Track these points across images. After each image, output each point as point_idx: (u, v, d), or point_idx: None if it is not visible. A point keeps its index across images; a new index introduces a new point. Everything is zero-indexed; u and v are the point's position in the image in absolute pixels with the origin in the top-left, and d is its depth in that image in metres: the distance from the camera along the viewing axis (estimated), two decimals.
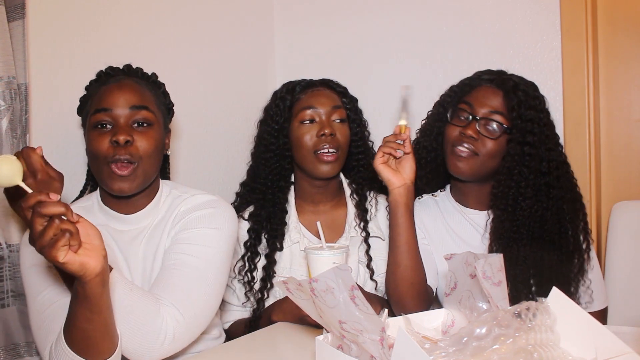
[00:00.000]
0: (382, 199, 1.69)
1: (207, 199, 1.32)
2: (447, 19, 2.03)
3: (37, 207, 0.87)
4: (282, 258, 1.61)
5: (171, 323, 1.11)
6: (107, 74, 1.31)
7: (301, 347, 1.23)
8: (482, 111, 1.43)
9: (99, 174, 1.24)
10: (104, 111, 1.22)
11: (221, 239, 1.26)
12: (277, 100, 1.65)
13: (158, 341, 1.09)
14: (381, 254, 1.60)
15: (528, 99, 1.43)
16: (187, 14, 1.92)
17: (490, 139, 1.42)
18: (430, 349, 0.87)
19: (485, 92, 1.45)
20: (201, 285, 1.19)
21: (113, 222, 1.28)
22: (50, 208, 0.88)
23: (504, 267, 1.02)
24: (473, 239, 1.51)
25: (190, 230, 1.25)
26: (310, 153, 1.58)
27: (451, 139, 1.47)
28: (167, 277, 1.18)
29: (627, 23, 1.88)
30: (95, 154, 1.22)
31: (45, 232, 0.87)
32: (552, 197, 1.42)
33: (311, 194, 1.66)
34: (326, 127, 1.56)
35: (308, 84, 1.65)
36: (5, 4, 1.30)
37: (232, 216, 1.32)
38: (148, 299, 1.11)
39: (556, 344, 0.92)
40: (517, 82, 1.46)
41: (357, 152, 1.68)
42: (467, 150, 1.43)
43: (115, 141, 1.19)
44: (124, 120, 1.23)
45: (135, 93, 1.26)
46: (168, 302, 1.13)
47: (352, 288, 0.88)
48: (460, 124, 1.46)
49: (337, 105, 1.62)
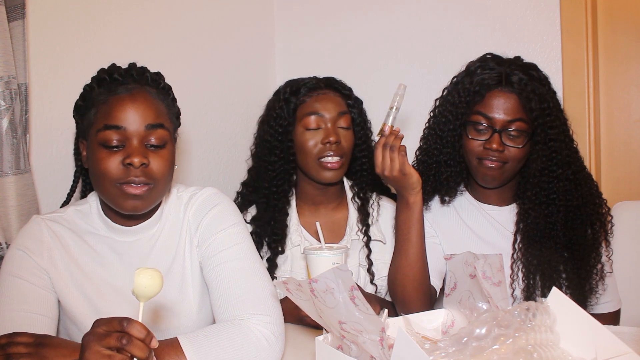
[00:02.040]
0: (386, 202, 1.67)
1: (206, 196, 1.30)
2: (447, 19, 2.03)
3: (127, 341, 0.83)
4: (283, 261, 1.60)
5: (262, 328, 1.10)
6: (113, 79, 1.16)
7: (301, 347, 1.23)
8: (500, 121, 1.38)
9: (106, 194, 1.13)
10: (115, 129, 1.10)
11: (241, 230, 1.26)
12: (280, 102, 1.61)
13: (263, 349, 1.08)
14: (382, 257, 1.59)
15: (540, 91, 1.39)
16: (187, 14, 1.92)
17: (517, 148, 1.39)
18: (430, 349, 0.87)
19: (498, 99, 1.38)
20: (255, 278, 1.18)
21: (115, 234, 1.22)
22: (139, 352, 0.84)
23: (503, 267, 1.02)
24: (490, 235, 1.49)
25: (213, 238, 1.22)
26: (314, 160, 1.56)
27: (475, 153, 1.41)
28: (224, 293, 1.16)
29: (627, 23, 1.88)
30: (103, 174, 1.11)
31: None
32: (580, 183, 1.42)
33: (312, 196, 1.65)
34: (331, 135, 1.54)
35: (314, 85, 1.61)
36: (5, 4, 1.30)
37: (233, 204, 1.32)
38: (225, 331, 1.08)
39: (556, 344, 0.92)
40: (522, 75, 1.39)
41: (360, 156, 1.65)
42: (496, 163, 1.39)
43: (129, 164, 1.09)
44: (138, 140, 1.11)
45: (151, 108, 1.14)
46: (246, 315, 1.12)
47: (351, 288, 0.88)
48: (480, 137, 1.40)
49: (343, 111, 1.59)
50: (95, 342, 0.84)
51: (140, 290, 0.87)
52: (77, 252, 1.19)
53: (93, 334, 0.85)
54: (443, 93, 1.53)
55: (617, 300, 1.49)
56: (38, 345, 0.98)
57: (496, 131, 1.38)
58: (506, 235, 1.48)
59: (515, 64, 1.44)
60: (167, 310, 1.22)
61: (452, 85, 1.50)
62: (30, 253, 1.15)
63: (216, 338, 1.07)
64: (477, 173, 1.44)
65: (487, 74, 1.41)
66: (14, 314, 1.10)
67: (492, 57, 1.47)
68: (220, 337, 1.07)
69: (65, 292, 1.17)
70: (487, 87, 1.40)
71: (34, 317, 1.11)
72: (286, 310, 1.40)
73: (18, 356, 0.96)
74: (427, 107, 1.61)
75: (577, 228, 1.41)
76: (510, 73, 1.40)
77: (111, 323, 0.85)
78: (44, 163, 1.50)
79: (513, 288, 1.43)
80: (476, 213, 1.52)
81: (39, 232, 1.18)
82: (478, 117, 1.40)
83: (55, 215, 1.22)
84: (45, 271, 1.16)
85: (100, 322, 0.87)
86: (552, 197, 1.40)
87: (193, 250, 1.24)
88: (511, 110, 1.38)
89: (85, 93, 1.19)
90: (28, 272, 1.14)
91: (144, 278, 0.87)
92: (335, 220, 1.66)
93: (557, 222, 1.40)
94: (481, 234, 1.50)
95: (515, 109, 1.38)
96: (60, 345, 1.00)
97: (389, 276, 1.44)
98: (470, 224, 1.51)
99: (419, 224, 1.37)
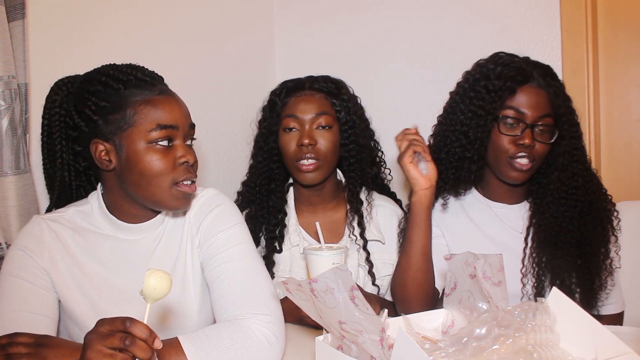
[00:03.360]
0: (382, 201, 1.67)
1: (207, 197, 1.30)
2: (447, 20, 2.03)
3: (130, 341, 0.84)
4: (281, 261, 1.60)
5: (262, 328, 1.10)
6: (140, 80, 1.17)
7: (301, 347, 1.24)
8: (533, 116, 1.38)
9: (158, 191, 1.15)
10: (170, 128, 1.16)
11: (242, 231, 1.26)
12: (269, 102, 1.64)
13: (263, 349, 1.08)
14: (381, 257, 1.59)
15: (562, 87, 1.42)
16: (187, 14, 1.93)
17: (544, 144, 1.40)
18: (430, 349, 0.87)
19: (530, 95, 1.39)
20: (255, 278, 1.18)
21: (121, 232, 1.22)
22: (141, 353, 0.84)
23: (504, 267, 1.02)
24: (499, 233, 1.49)
25: (214, 239, 1.23)
26: (292, 161, 1.57)
27: (505, 149, 1.40)
28: (225, 293, 1.16)
29: (627, 23, 1.88)
30: (156, 173, 1.14)
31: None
32: (590, 179, 1.44)
33: (308, 197, 1.65)
34: (305, 137, 1.53)
35: (295, 86, 1.61)
36: (5, 4, 1.30)
37: (234, 205, 1.32)
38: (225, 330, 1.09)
39: (556, 344, 0.92)
40: (547, 75, 1.40)
41: (348, 157, 1.61)
42: (527, 161, 1.39)
43: (186, 162, 1.17)
44: (184, 138, 1.19)
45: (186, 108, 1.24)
46: (246, 314, 1.12)
47: (351, 288, 0.88)
48: (511, 132, 1.39)
49: (322, 112, 1.57)
50: (97, 342, 0.84)
51: (149, 291, 0.88)
52: (78, 252, 1.19)
53: (96, 333, 0.85)
54: (459, 90, 1.49)
55: (622, 302, 1.50)
56: (38, 346, 0.98)
57: (528, 126, 1.38)
58: (514, 234, 1.47)
59: (534, 63, 1.45)
60: (168, 310, 1.22)
61: (471, 82, 1.47)
62: (31, 253, 1.15)
63: (217, 338, 1.07)
64: (506, 170, 1.42)
65: (514, 70, 1.40)
66: (15, 315, 1.10)
67: (510, 54, 1.46)
68: (221, 337, 1.07)
69: (66, 292, 1.17)
70: (518, 82, 1.39)
71: (34, 317, 1.11)
72: (286, 310, 1.40)
73: (18, 356, 0.96)
74: (426, 106, 1.62)
75: (589, 223, 1.42)
76: (533, 71, 1.41)
77: (114, 323, 0.85)
78: None
79: (523, 283, 1.43)
80: (484, 211, 1.51)
81: (40, 232, 1.18)
82: (510, 112, 1.40)
83: (56, 215, 1.22)
84: (45, 271, 1.16)
85: (104, 322, 0.87)
86: (571, 192, 1.41)
87: (194, 251, 1.24)
88: (542, 105, 1.39)
89: (106, 94, 1.16)
90: (28, 273, 1.14)
91: (154, 279, 0.87)
92: (335, 219, 1.66)
93: (573, 217, 1.40)
94: (489, 232, 1.50)
95: (545, 104, 1.39)
96: (60, 345, 1.00)
97: (393, 274, 1.44)
98: (478, 222, 1.51)
99: (420, 225, 1.37)
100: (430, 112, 1.66)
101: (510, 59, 1.44)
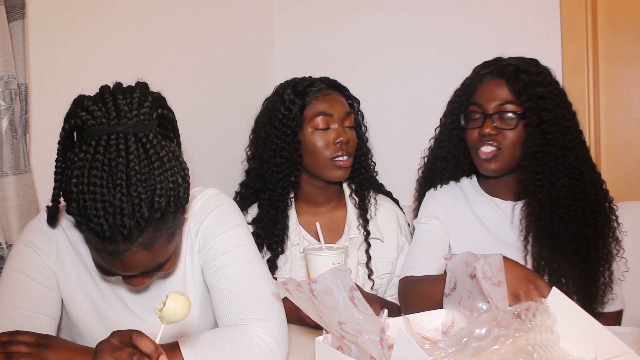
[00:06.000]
0: (383, 200, 1.69)
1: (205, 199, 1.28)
2: (448, 20, 2.03)
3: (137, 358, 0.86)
4: (281, 260, 1.60)
5: (263, 335, 1.10)
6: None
7: (301, 347, 1.23)
8: (491, 106, 1.43)
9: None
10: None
11: (242, 232, 1.24)
12: (286, 103, 1.61)
13: (264, 356, 1.08)
14: (380, 256, 1.60)
15: (532, 77, 1.42)
16: (187, 14, 1.92)
17: (509, 130, 1.42)
18: (430, 350, 0.87)
19: (489, 86, 1.45)
20: (257, 282, 1.17)
21: None
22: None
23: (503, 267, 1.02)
24: (498, 226, 1.50)
25: (214, 242, 1.20)
26: (326, 160, 1.58)
27: (473, 142, 1.46)
28: (226, 297, 1.15)
29: (627, 23, 1.88)
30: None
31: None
32: (585, 170, 1.43)
33: (313, 196, 1.65)
34: (342, 135, 1.57)
35: (319, 87, 1.62)
36: (5, 4, 1.30)
37: (235, 205, 1.29)
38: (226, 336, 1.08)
39: (556, 344, 0.92)
40: (517, 65, 1.44)
41: (359, 155, 1.68)
42: (490, 149, 1.43)
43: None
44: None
45: None
46: (247, 320, 1.11)
47: (351, 289, 0.88)
48: (475, 125, 1.45)
49: (349, 112, 1.63)
50: (107, 353, 0.88)
51: (169, 315, 0.89)
52: (85, 252, 1.17)
53: (107, 344, 0.89)
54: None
55: (622, 300, 1.49)
56: (39, 346, 0.98)
57: (488, 115, 1.43)
58: (515, 227, 1.48)
59: (513, 58, 1.49)
60: None
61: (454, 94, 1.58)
62: (38, 251, 1.14)
63: (217, 344, 1.06)
64: (478, 164, 1.47)
65: (484, 69, 1.49)
66: (16, 312, 1.09)
67: (495, 58, 1.52)
68: (222, 344, 1.06)
69: (70, 293, 1.16)
70: (479, 77, 1.48)
71: (36, 316, 1.10)
72: (286, 311, 1.40)
73: (19, 355, 0.96)
74: (427, 106, 1.62)
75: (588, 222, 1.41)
76: (504, 65, 1.46)
77: (124, 335, 0.89)
78: (44, 163, 1.50)
79: None
80: (486, 203, 1.54)
81: (48, 229, 1.16)
82: (472, 107, 1.47)
83: (65, 213, 1.21)
84: (52, 271, 1.14)
85: (116, 333, 0.90)
86: (554, 184, 1.40)
87: (194, 256, 1.22)
88: (500, 94, 1.43)
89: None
90: (33, 270, 1.13)
91: (175, 304, 0.89)
92: (334, 219, 1.66)
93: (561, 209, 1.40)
94: (489, 224, 1.51)
95: (505, 93, 1.43)
96: (61, 347, 1.00)
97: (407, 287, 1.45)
98: (479, 214, 1.53)
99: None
100: (430, 112, 1.66)
101: (490, 61, 1.51)
